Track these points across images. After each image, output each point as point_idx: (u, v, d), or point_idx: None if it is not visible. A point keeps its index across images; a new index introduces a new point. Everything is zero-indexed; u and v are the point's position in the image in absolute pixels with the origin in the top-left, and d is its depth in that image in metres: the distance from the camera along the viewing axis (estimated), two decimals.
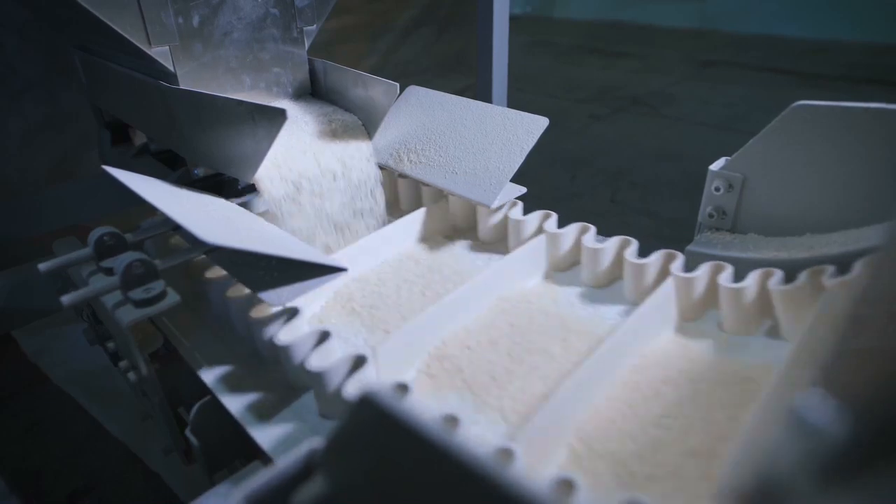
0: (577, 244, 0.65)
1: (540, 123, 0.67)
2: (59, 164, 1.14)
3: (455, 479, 0.18)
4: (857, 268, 0.49)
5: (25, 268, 1.12)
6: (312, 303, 0.63)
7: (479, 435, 0.45)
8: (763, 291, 0.53)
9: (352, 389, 0.45)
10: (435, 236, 0.75)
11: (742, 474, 0.16)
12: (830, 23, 3.04)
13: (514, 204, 0.70)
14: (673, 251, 0.58)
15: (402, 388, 0.44)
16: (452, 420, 0.39)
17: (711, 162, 0.63)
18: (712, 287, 0.56)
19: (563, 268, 0.66)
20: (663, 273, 0.58)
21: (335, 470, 0.24)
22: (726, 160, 0.62)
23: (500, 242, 0.73)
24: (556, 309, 0.60)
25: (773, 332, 0.53)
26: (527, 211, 0.69)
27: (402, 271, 0.68)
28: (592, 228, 0.64)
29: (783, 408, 0.17)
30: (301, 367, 0.49)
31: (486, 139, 0.70)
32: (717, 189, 0.62)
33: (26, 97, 1.06)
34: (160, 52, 0.67)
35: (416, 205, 0.80)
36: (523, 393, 0.49)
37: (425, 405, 0.47)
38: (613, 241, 0.61)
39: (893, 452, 0.16)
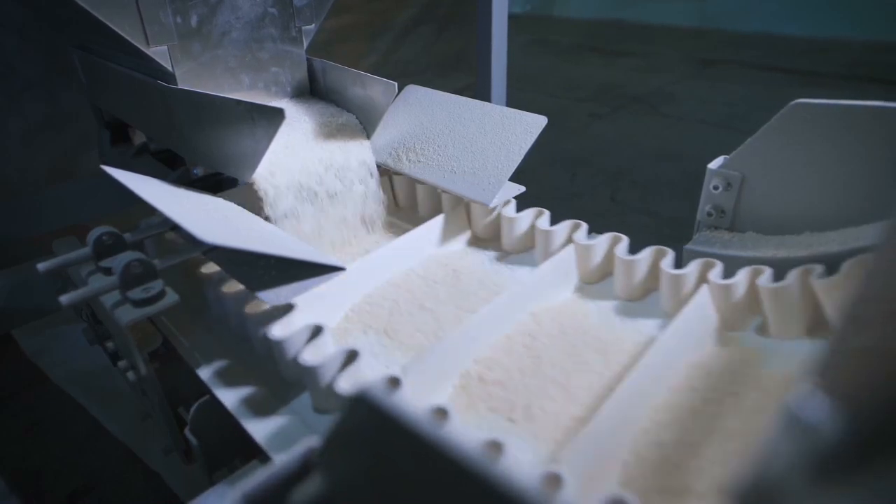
0: (610, 255, 0.62)
1: (539, 122, 0.67)
2: (58, 163, 1.14)
3: (450, 475, 0.18)
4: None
5: (25, 267, 1.12)
6: (330, 317, 0.61)
7: (522, 460, 0.43)
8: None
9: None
10: (455, 244, 0.73)
11: (740, 474, 0.16)
12: (830, 21, 3.03)
13: (540, 213, 0.68)
14: (711, 260, 0.56)
15: (441, 412, 0.41)
16: (496, 446, 0.38)
17: (711, 161, 0.63)
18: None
19: (595, 280, 0.64)
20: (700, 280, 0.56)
21: (332, 468, 0.24)
22: (725, 159, 0.62)
23: (524, 251, 0.71)
24: (588, 323, 0.58)
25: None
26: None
27: (425, 283, 0.65)
28: (625, 239, 0.62)
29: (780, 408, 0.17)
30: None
31: (485, 138, 0.70)
32: (716, 188, 0.62)
33: (26, 97, 1.06)
34: (159, 52, 0.67)
35: (413, 202, 0.80)
36: (563, 415, 0.47)
37: (464, 429, 0.44)
38: (647, 253, 0.59)
39: (890, 451, 0.16)
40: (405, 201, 0.82)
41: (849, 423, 0.15)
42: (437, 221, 0.71)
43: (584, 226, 0.65)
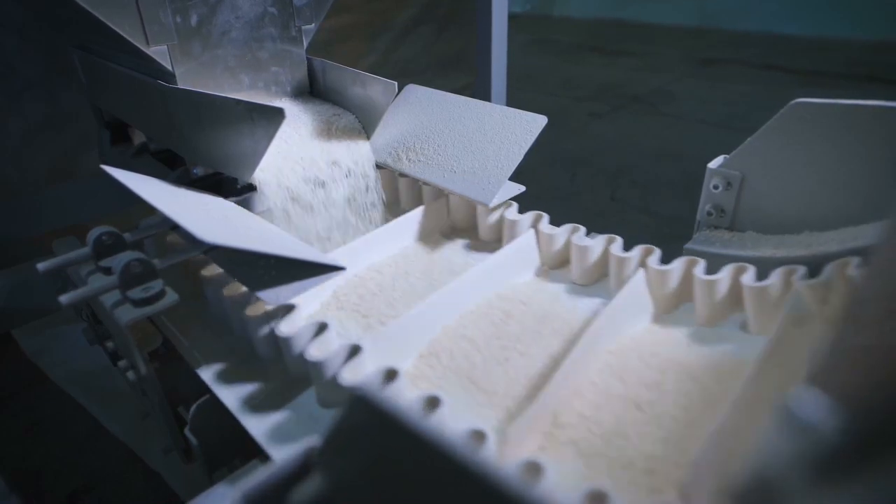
0: (567, 243, 0.65)
1: (538, 122, 0.67)
2: (58, 163, 1.14)
3: (449, 475, 0.18)
4: (827, 271, 0.49)
5: (25, 267, 1.12)
6: (311, 302, 0.63)
7: (469, 422, 0.46)
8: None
9: (348, 377, 0.46)
10: (434, 235, 0.75)
11: (739, 474, 0.16)
12: (830, 21, 3.03)
13: (508, 205, 0.70)
14: (650, 247, 0.59)
15: (392, 373, 0.45)
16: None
17: (711, 160, 0.63)
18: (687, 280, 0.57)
19: (555, 265, 0.67)
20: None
21: (332, 468, 0.24)
22: (725, 158, 0.62)
23: (498, 242, 0.73)
24: (543, 304, 0.60)
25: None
26: (526, 209, 0.69)
27: (400, 269, 0.68)
28: (582, 229, 0.65)
29: (774, 406, 0.17)
30: (300, 357, 0.50)
31: (485, 138, 0.70)
32: (716, 187, 0.62)
33: (26, 97, 1.06)
34: (158, 52, 0.67)
35: (417, 203, 0.80)
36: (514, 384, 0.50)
37: (417, 392, 0.47)
38: (600, 240, 0.62)
39: (890, 449, 0.16)
40: (408, 203, 0.82)
41: (848, 422, 0.15)
42: (417, 213, 0.73)
43: (546, 216, 0.67)
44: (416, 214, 0.73)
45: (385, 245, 0.70)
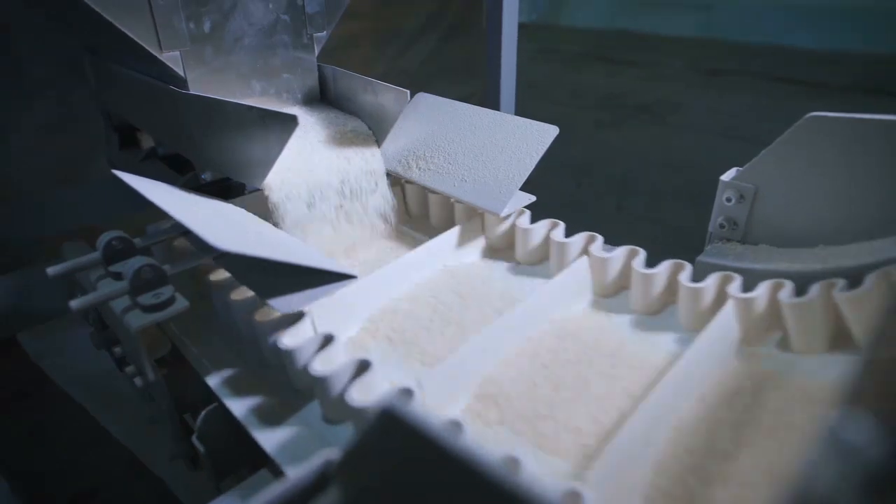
0: (626, 269, 0.61)
1: (550, 132, 0.67)
2: (68, 166, 1.14)
3: (478, 495, 0.17)
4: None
5: (30, 270, 1.12)
6: (347, 329, 0.60)
7: (540, 474, 0.42)
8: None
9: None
10: (469, 255, 0.72)
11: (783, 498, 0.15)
12: (837, 33, 3.03)
13: (555, 224, 0.67)
14: (729, 273, 0.56)
15: (455, 425, 0.41)
16: (513, 462, 0.37)
17: (718, 170, 0.63)
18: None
19: (610, 293, 0.63)
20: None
21: (351, 482, 0.24)
22: (737, 170, 0.62)
23: (539, 262, 0.70)
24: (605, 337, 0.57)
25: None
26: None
27: (436, 294, 0.64)
28: (642, 252, 0.61)
29: (822, 428, 0.16)
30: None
31: (496, 147, 0.70)
32: (729, 199, 0.62)
33: (37, 98, 1.07)
34: (171, 57, 0.67)
35: (425, 210, 0.79)
36: (580, 429, 0.46)
37: (479, 442, 0.44)
38: (664, 266, 0.59)
39: None
40: (417, 210, 0.82)
41: (894, 444, 0.15)
42: (453, 233, 0.70)
43: (600, 238, 0.64)
44: (452, 235, 0.70)
45: (421, 268, 0.67)
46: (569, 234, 0.66)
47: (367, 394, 0.45)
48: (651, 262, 0.60)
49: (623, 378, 0.51)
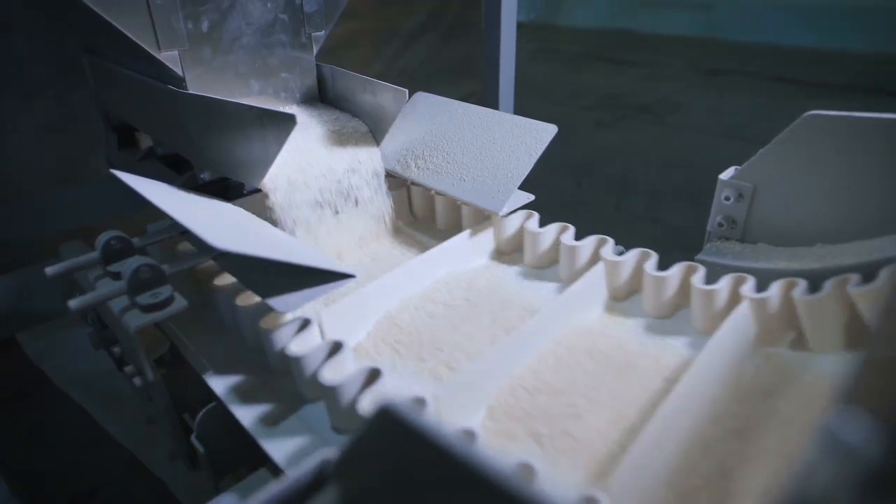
0: (639, 271, 0.61)
1: (549, 131, 0.67)
2: (68, 165, 1.14)
3: (477, 494, 0.17)
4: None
5: (29, 271, 1.12)
6: (355, 334, 0.59)
7: (558, 484, 0.42)
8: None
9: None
10: (478, 259, 0.71)
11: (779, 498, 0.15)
12: (836, 33, 3.03)
13: (564, 228, 0.66)
14: (742, 275, 0.55)
15: (469, 434, 0.40)
16: (529, 469, 0.37)
17: (718, 170, 0.63)
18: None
19: (622, 297, 0.63)
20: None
21: (349, 482, 0.24)
22: (736, 169, 0.62)
23: (549, 266, 0.69)
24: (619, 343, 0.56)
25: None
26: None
27: (447, 299, 0.64)
28: (654, 255, 0.60)
29: (817, 427, 0.16)
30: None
31: (495, 146, 0.70)
32: (727, 198, 0.62)
33: (36, 98, 1.07)
34: (169, 57, 0.67)
35: (431, 213, 0.79)
36: (596, 437, 0.46)
37: (496, 454, 0.44)
38: (677, 269, 0.58)
39: None
40: (422, 213, 0.81)
41: (891, 443, 0.15)
42: (462, 237, 0.69)
43: (611, 241, 0.63)
44: (460, 239, 0.69)
45: (427, 272, 0.66)
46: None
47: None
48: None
49: (639, 383, 0.50)
